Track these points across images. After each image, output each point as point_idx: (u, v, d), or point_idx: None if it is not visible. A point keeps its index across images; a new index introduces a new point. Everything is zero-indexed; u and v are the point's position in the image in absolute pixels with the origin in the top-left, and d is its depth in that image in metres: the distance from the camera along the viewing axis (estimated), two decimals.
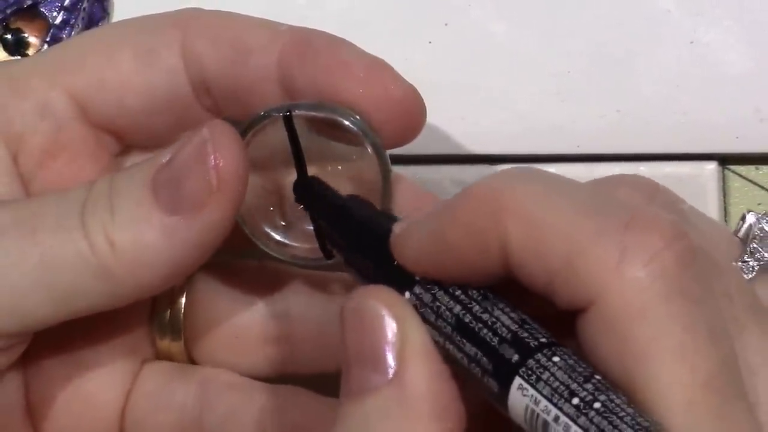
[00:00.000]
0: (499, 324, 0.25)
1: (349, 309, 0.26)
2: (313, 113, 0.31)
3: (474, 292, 0.26)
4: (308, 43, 0.31)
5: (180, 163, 0.29)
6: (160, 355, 0.35)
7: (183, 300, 0.34)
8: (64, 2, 0.41)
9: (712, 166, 0.41)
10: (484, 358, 0.25)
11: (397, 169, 0.40)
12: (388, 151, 0.31)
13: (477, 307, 0.25)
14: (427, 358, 0.25)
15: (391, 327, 0.25)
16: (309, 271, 0.34)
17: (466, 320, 0.25)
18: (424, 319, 0.26)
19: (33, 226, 0.29)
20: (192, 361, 0.35)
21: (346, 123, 0.30)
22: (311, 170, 0.31)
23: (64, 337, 0.33)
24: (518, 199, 0.24)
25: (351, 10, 0.41)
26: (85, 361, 0.33)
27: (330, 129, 0.31)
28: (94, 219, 0.29)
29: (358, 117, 0.30)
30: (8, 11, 0.41)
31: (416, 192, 0.32)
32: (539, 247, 0.24)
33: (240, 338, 0.34)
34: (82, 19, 0.41)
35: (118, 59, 0.32)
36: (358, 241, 0.29)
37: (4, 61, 0.40)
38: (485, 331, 0.25)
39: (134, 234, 0.29)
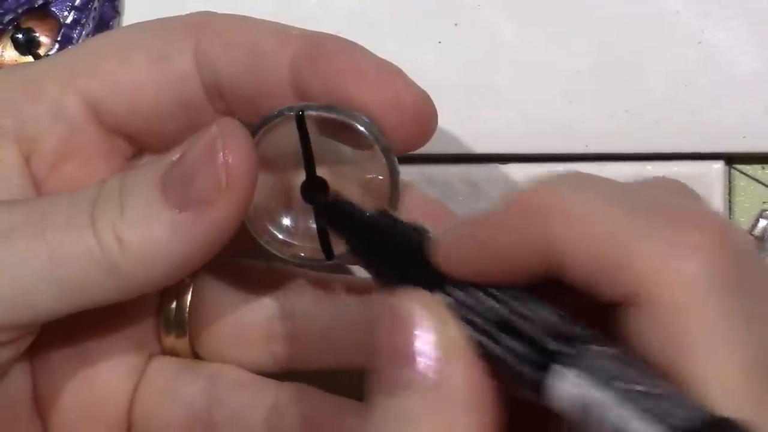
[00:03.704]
0: (537, 317, 0.25)
1: (386, 308, 0.27)
2: (324, 114, 0.31)
3: (510, 289, 0.26)
4: (321, 47, 0.31)
5: (190, 160, 0.29)
6: (166, 351, 0.35)
7: (189, 297, 0.35)
8: (75, 2, 0.41)
9: (718, 165, 0.41)
10: (523, 349, 0.25)
11: (407, 169, 0.40)
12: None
13: (514, 303, 0.26)
14: (464, 354, 0.26)
15: (428, 325, 0.26)
16: (313, 272, 0.34)
17: (504, 314, 0.26)
18: (460, 316, 0.26)
19: (44, 224, 0.29)
20: (196, 357, 0.35)
21: (357, 126, 0.30)
22: (320, 171, 0.31)
23: (71, 332, 0.33)
24: (565, 200, 0.25)
25: (361, 10, 0.41)
26: (92, 355, 0.34)
27: (340, 131, 0.31)
28: (104, 217, 0.29)
29: (368, 120, 0.30)
30: (20, 11, 0.41)
31: (423, 199, 0.33)
32: (587, 244, 0.24)
33: (244, 336, 0.34)
34: (93, 18, 0.41)
35: (131, 63, 0.32)
36: (389, 255, 0.29)
37: (19, 64, 0.40)
38: (523, 323, 0.25)
39: (143, 231, 0.29)
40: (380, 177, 0.31)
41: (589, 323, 0.26)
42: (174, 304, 0.35)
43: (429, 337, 0.26)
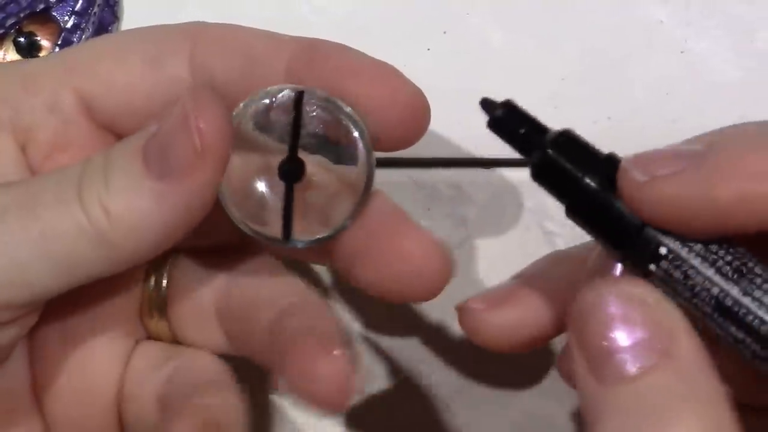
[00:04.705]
0: (764, 308, 0.24)
1: (592, 299, 0.26)
2: (321, 104, 0.31)
3: (727, 264, 0.25)
4: (315, 50, 0.31)
5: (165, 130, 0.29)
6: (151, 335, 0.35)
7: (165, 278, 0.35)
8: (75, 7, 0.42)
9: None
10: (755, 345, 0.24)
11: (396, 172, 0.40)
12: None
13: (736, 289, 0.25)
14: (690, 331, 0.26)
15: (646, 304, 0.26)
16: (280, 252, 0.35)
17: (725, 302, 0.25)
18: (677, 294, 0.26)
19: (33, 203, 0.29)
20: (177, 339, 0.35)
21: (346, 122, 0.31)
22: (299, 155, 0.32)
23: (65, 320, 0.34)
24: None
25: (353, 18, 0.41)
26: (85, 342, 0.34)
27: (327, 122, 0.31)
28: (90, 191, 0.29)
29: (358, 119, 0.31)
30: (21, 15, 0.41)
31: (389, 207, 0.33)
32: None
33: (200, 315, 0.35)
34: (93, 23, 0.42)
35: (126, 65, 0.32)
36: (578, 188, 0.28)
37: (18, 61, 0.41)
38: (750, 318, 0.25)
39: (127, 202, 0.29)
40: (353, 175, 0.31)
41: None
42: (153, 287, 0.35)
43: (645, 317, 0.26)
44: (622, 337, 0.26)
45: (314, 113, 0.31)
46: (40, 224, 0.29)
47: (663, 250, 0.26)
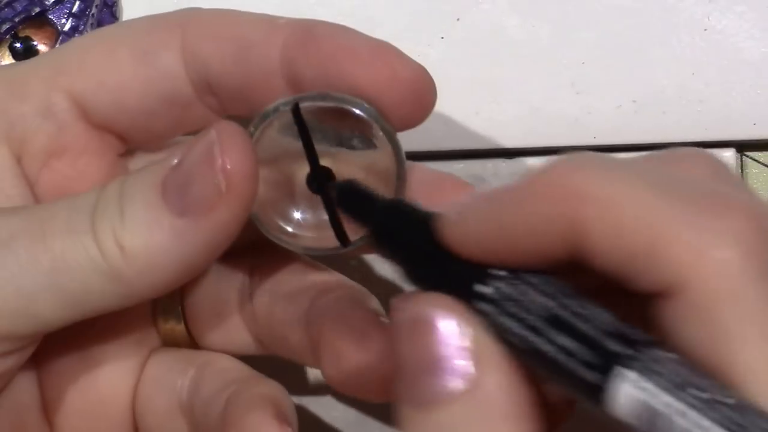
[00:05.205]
0: (590, 314, 0.24)
1: (408, 317, 0.26)
2: (320, 103, 0.30)
3: (554, 286, 0.25)
4: (310, 33, 0.30)
5: (188, 166, 0.29)
6: (166, 341, 0.35)
7: None
8: (72, 9, 0.41)
9: (729, 153, 0.40)
10: (579, 349, 0.24)
11: None
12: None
13: (568, 301, 0.24)
14: (500, 360, 0.25)
15: (460, 332, 0.25)
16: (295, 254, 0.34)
17: (554, 310, 0.24)
18: (505, 313, 0.25)
19: (43, 232, 0.29)
20: (195, 345, 0.35)
21: (356, 111, 0.30)
22: (324, 160, 0.31)
23: (73, 335, 0.33)
24: (591, 185, 0.24)
25: (363, 7, 0.41)
26: (94, 356, 0.33)
27: (340, 118, 0.31)
28: (104, 223, 0.29)
29: (366, 104, 0.30)
30: (17, 19, 0.41)
31: (432, 175, 0.32)
32: (620, 233, 0.24)
33: (223, 317, 0.34)
34: (91, 25, 0.41)
35: (117, 60, 0.32)
36: (408, 244, 0.27)
37: (4, 65, 0.40)
38: (577, 321, 0.24)
39: (144, 237, 0.28)
40: (385, 161, 0.31)
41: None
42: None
43: (456, 344, 0.25)
44: (423, 364, 0.25)
45: (319, 117, 0.31)
46: (49, 255, 0.29)
47: (495, 272, 0.25)
